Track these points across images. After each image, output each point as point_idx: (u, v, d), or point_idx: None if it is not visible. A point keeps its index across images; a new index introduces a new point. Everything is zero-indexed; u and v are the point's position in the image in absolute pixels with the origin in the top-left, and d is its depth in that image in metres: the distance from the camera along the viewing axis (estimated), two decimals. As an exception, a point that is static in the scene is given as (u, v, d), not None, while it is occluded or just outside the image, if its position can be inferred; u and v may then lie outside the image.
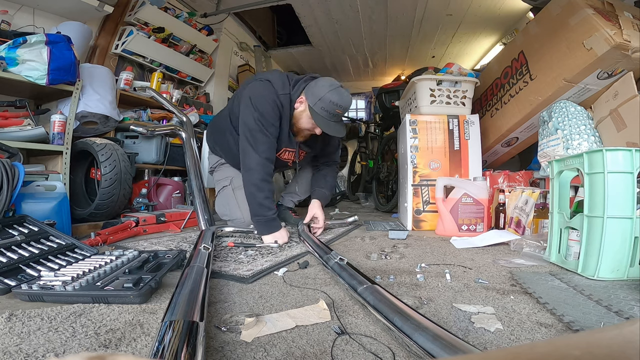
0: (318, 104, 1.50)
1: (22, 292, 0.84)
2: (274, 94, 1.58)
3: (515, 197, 1.81)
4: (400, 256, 1.36)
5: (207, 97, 3.54)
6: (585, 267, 1.07)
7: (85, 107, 1.98)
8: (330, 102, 1.48)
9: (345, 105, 1.51)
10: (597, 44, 1.71)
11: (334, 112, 1.49)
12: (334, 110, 1.49)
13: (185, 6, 3.30)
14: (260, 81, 1.63)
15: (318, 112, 1.51)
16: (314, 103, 1.51)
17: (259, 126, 1.54)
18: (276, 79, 1.63)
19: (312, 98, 1.52)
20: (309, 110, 1.55)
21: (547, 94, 2.02)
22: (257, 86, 1.61)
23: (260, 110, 1.55)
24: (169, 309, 0.66)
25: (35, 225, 1.24)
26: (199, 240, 1.31)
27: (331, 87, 1.51)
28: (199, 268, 0.93)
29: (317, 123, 1.54)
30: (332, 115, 1.51)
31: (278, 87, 1.60)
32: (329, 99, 1.48)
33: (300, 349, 0.63)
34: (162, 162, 2.46)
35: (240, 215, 1.88)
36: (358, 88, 5.99)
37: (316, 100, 1.50)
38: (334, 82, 1.56)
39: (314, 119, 1.54)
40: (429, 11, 3.54)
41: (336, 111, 1.50)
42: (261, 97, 1.57)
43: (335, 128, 1.56)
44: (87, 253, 1.18)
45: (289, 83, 1.64)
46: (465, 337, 0.67)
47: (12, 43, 1.67)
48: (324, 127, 1.53)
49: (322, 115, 1.51)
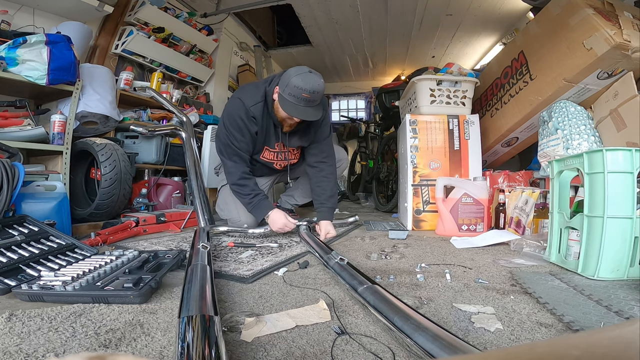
0: (286, 90, 1.53)
1: (22, 292, 0.84)
2: (242, 109, 1.68)
3: (515, 197, 1.81)
4: (400, 256, 1.36)
5: (207, 97, 3.54)
6: (585, 267, 1.07)
7: (85, 107, 1.98)
8: (295, 86, 1.50)
9: (310, 88, 1.50)
10: (597, 44, 1.71)
11: (300, 96, 1.51)
12: (300, 94, 1.50)
13: (185, 6, 3.30)
14: (232, 99, 1.78)
15: (286, 97, 1.53)
16: (283, 90, 1.54)
17: (229, 140, 1.72)
18: (246, 93, 1.72)
19: (282, 86, 1.56)
20: (279, 99, 1.58)
21: (547, 94, 2.02)
22: (228, 105, 1.79)
23: (227, 127, 1.72)
24: (183, 306, 0.67)
25: (35, 225, 1.24)
26: (195, 239, 1.31)
27: (297, 72, 1.53)
28: (202, 266, 0.93)
29: (284, 109, 1.57)
30: (300, 99, 1.52)
31: (248, 101, 1.68)
32: (294, 84, 1.50)
33: (300, 349, 0.63)
34: (162, 162, 2.46)
35: (236, 214, 1.92)
36: (358, 88, 5.99)
37: (284, 87, 1.53)
38: (303, 68, 1.57)
39: (281, 105, 1.57)
40: (429, 11, 3.54)
41: (302, 95, 1.50)
42: (229, 116, 1.72)
43: (306, 111, 1.56)
44: (87, 253, 1.18)
45: (263, 88, 1.70)
46: (465, 337, 0.67)
47: (12, 43, 1.67)
48: (292, 112, 1.55)
49: (290, 101, 1.53)
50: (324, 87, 1.57)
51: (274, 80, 1.70)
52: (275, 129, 1.78)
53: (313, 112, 1.59)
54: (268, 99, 1.69)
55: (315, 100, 1.55)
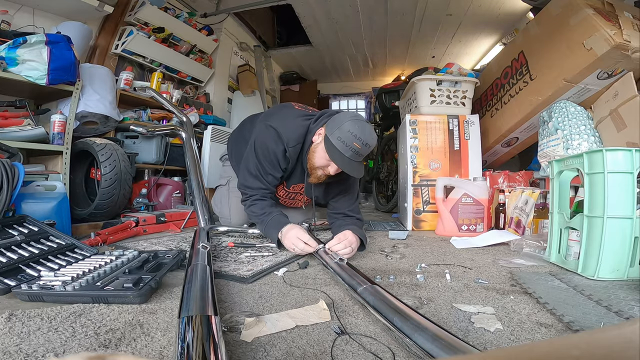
0: (335, 133, 1.33)
1: (22, 292, 0.83)
2: (280, 147, 1.47)
3: (515, 197, 1.81)
4: (400, 256, 1.36)
5: (207, 97, 3.54)
6: (585, 267, 1.07)
7: (85, 107, 1.98)
8: (349, 131, 1.31)
9: (365, 139, 1.31)
10: (597, 44, 1.71)
11: (351, 144, 1.31)
12: (351, 142, 1.31)
13: (185, 6, 3.30)
14: (269, 128, 1.50)
15: (334, 142, 1.33)
16: (331, 133, 1.34)
17: (258, 172, 1.52)
18: (286, 127, 1.49)
19: (331, 128, 1.36)
20: (324, 141, 1.37)
21: (547, 94, 2.02)
22: (264, 135, 1.51)
23: (260, 160, 1.51)
24: (183, 306, 0.67)
25: (35, 225, 1.24)
26: (195, 239, 1.31)
27: (353, 118, 1.35)
28: (202, 266, 0.93)
29: (330, 156, 1.35)
30: (349, 148, 1.31)
31: (288, 139, 1.47)
32: (348, 129, 1.31)
33: (300, 349, 0.63)
34: (162, 162, 2.46)
35: (227, 214, 1.94)
36: (358, 88, 5.99)
37: (334, 130, 1.34)
38: (358, 115, 1.41)
39: (328, 152, 1.35)
40: (429, 11, 3.54)
41: (354, 144, 1.31)
42: (262, 145, 1.50)
43: (351, 165, 1.34)
44: (87, 253, 1.18)
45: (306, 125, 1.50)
46: (465, 337, 0.67)
47: (12, 43, 1.67)
48: (339, 162, 1.34)
49: (338, 148, 1.32)
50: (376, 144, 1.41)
51: (320, 118, 1.50)
52: (303, 171, 1.56)
53: (357, 167, 1.37)
54: (307, 138, 1.49)
55: (362, 155, 1.35)
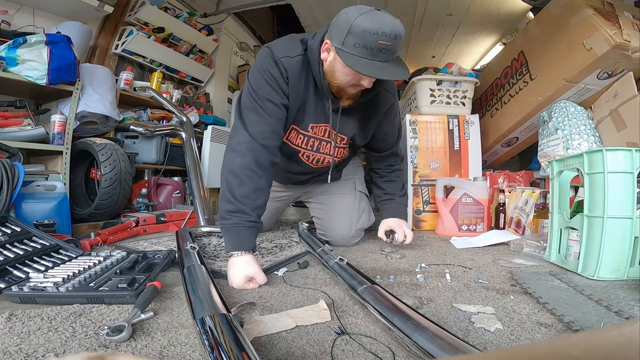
0: (349, 41, 1.01)
1: (13, 294, 0.82)
2: (271, 59, 1.15)
3: (515, 197, 1.81)
4: (401, 256, 1.36)
5: (207, 97, 3.54)
6: (585, 267, 1.07)
7: (85, 107, 1.98)
8: (365, 31, 0.98)
9: (389, 31, 0.98)
10: (597, 44, 1.71)
11: (375, 44, 0.98)
12: (374, 42, 0.98)
13: (185, 6, 3.30)
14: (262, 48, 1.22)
15: (350, 52, 1.01)
16: (342, 41, 1.02)
17: (251, 102, 1.14)
18: (279, 42, 1.22)
19: (338, 35, 1.03)
20: (339, 55, 1.04)
21: (547, 94, 2.02)
22: (257, 57, 1.24)
23: (251, 82, 1.17)
24: (195, 307, 0.68)
25: (17, 225, 1.21)
26: (180, 241, 1.26)
27: (361, 12, 1.00)
28: (198, 267, 0.93)
29: (353, 66, 1.01)
30: (376, 51, 0.99)
31: (279, 50, 1.16)
32: (363, 28, 0.98)
33: (300, 349, 0.63)
34: (162, 162, 2.46)
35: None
36: (358, 88, 5.98)
37: (345, 36, 1.01)
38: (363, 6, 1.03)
39: (348, 63, 1.02)
40: (429, 11, 3.54)
41: (379, 42, 0.98)
42: (254, 68, 1.19)
43: (388, 70, 1.02)
44: (72, 254, 1.15)
45: (303, 42, 1.19)
46: (465, 337, 0.67)
47: (12, 43, 1.67)
48: (367, 70, 1.02)
49: (359, 55, 1.01)
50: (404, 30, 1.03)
51: (317, 33, 1.17)
52: (318, 102, 1.23)
53: (397, 66, 1.04)
54: (312, 58, 1.16)
55: (395, 50, 1.03)
